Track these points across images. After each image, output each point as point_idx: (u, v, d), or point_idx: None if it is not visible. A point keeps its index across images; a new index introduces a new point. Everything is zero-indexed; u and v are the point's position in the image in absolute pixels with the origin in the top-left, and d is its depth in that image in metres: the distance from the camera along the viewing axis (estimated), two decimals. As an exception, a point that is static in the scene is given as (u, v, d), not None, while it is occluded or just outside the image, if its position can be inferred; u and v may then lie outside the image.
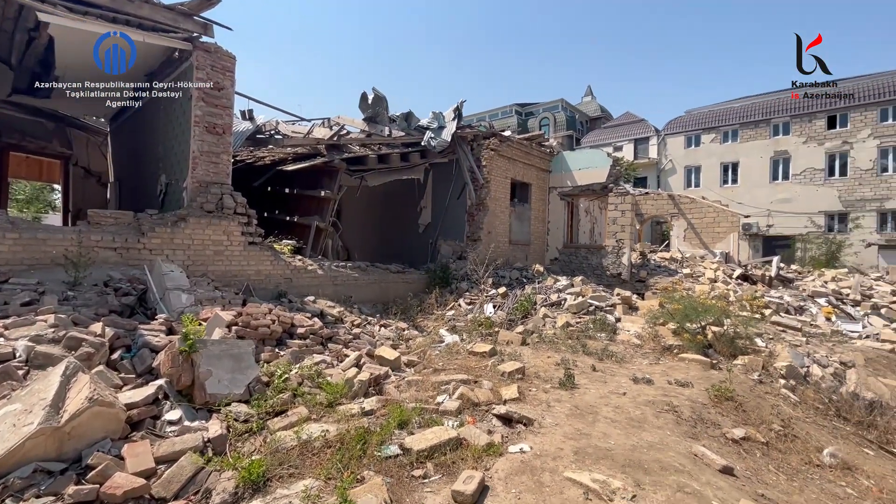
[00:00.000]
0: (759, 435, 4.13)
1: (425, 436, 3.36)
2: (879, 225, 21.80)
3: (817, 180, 23.59)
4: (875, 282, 12.55)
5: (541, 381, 5.13)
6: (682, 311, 6.78)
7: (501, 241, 13.29)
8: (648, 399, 4.56)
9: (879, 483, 3.73)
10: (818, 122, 23.86)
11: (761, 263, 16.19)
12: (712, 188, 26.62)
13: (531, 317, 8.82)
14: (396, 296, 10.21)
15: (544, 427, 3.76)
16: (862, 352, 7.08)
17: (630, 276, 13.54)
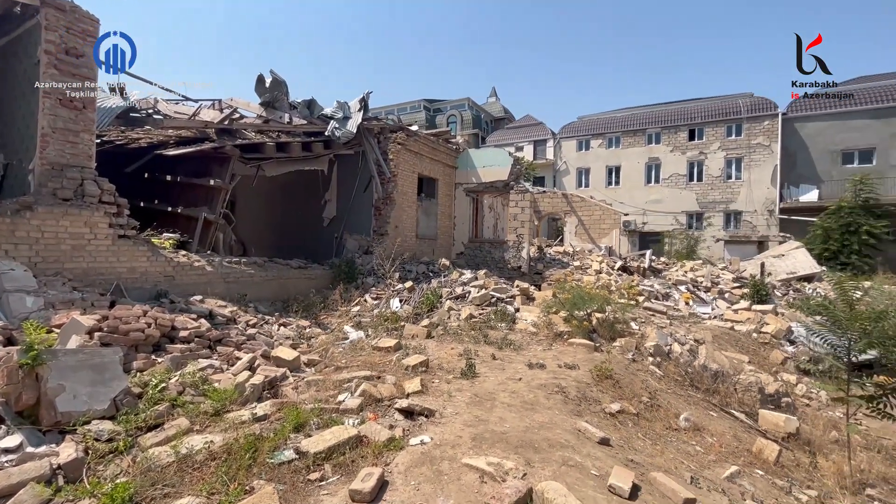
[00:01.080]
0: (632, 407, 4.69)
1: (324, 437, 3.24)
2: (725, 223, 25.99)
3: (681, 184, 27.34)
4: (721, 271, 14.93)
5: (444, 372, 5.25)
6: (571, 301, 7.41)
7: (409, 236, 13.32)
8: (541, 382, 4.92)
9: (720, 439, 4.46)
10: (682, 133, 27.61)
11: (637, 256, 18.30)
12: (599, 189, 29.45)
13: (437, 310, 8.98)
14: (298, 293, 9.71)
15: (445, 417, 3.86)
16: (710, 330, 8.40)
17: (529, 269, 14.46)
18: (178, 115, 10.80)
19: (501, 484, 2.72)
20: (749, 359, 7.32)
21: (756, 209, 24.96)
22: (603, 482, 2.91)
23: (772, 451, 4.21)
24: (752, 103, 25.89)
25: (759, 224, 24.84)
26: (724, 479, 3.60)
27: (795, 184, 24.57)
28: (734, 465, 3.92)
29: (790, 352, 7.83)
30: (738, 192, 25.60)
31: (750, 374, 6.16)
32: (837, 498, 3.77)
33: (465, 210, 15.78)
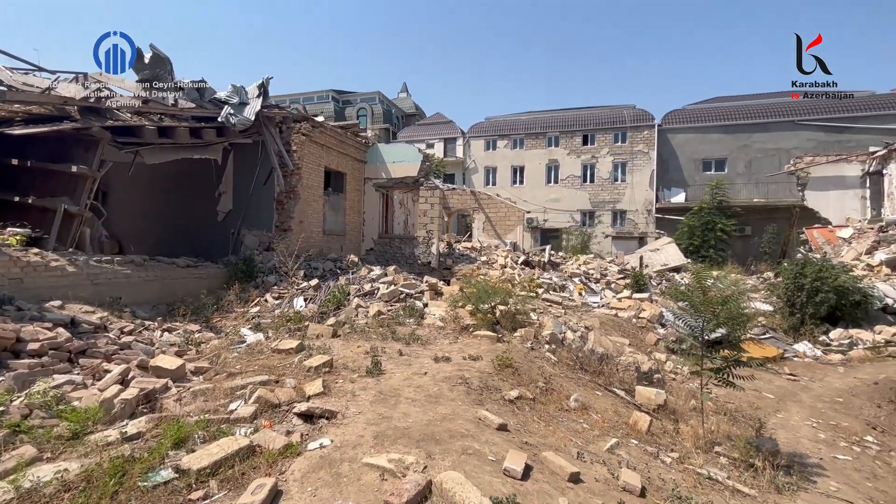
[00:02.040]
0: (529, 392, 5.00)
1: (209, 451, 2.97)
2: (613, 221, 28.89)
3: (576, 185, 29.77)
4: (609, 264, 16.58)
5: (349, 371, 5.12)
6: (476, 295, 7.68)
7: (315, 232, 12.76)
8: (446, 375, 5.03)
9: (603, 415, 4.95)
10: (577, 138, 30.05)
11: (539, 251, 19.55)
12: (505, 187, 30.91)
13: (344, 308, 8.73)
14: (187, 294, 8.78)
15: (347, 417, 3.76)
16: (598, 318, 9.28)
17: (438, 264, 14.70)
18: (28, 87, 9.10)
19: (402, 479, 2.72)
20: (629, 342, 8.23)
21: (637, 209, 28.11)
22: (499, 466, 3.06)
23: (644, 422, 4.78)
24: (635, 114, 29.06)
25: (640, 222, 28.00)
26: (605, 451, 4.00)
27: (668, 187, 28.11)
28: (614, 437, 4.37)
29: (661, 333, 8.97)
30: (624, 193, 28.59)
31: (629, 355, 6.92)
32: (693, 457, 4.40)
33: (374, 205, 15.54)
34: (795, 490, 3.99)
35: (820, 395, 6.65)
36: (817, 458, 4.99)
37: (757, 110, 27.05)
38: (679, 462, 4.23)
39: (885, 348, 8.20)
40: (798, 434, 5.60)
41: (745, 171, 26.38)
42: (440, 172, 29.13)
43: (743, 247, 22.60)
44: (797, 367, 7.98)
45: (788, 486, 4.00)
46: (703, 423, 4.88)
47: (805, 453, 5.08)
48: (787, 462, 4.52)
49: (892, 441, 5.64)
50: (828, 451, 5.19)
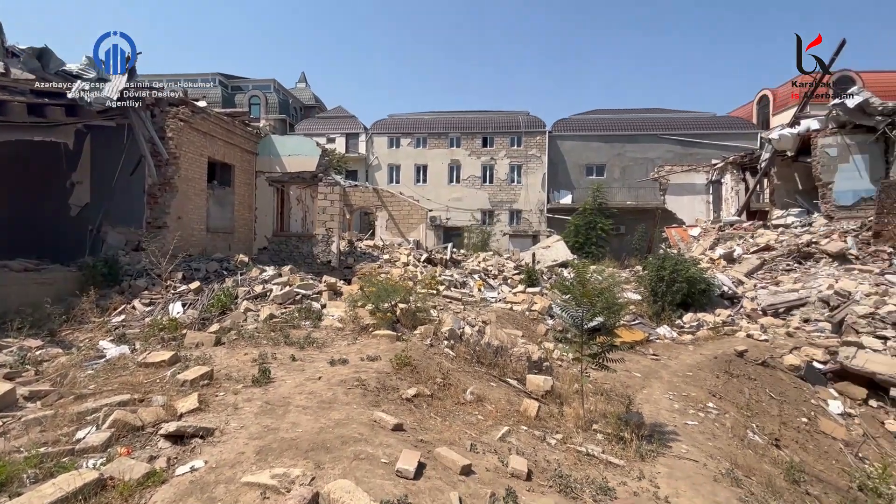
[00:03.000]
0: (427, 389, 5.03)
1: (42, 492, 2.47)
2: (510, 220, 30.62)
3: (476, 185, 30.96)
4: (506, 261, 17.52)
5: (232, 382, 4.68)
6: (375, 294, 7.55)
7: (196, 229, 11.51)
8: (342, 378, 4.85)
9: (497, 405, 5.19)
10: (477, 140, 31.24)
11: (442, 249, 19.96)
12: (409, 185, 31.01)
13: (231, 312, 7.99)
14: (25, 303, 7.30)
15: (227, 434, 3.42)
16: (495, 312, 9.74)
17: (339, 263, 14.22)
18: None
19: (285, 496, 2.54)
20: (522, 333, 8.76)
21: (532, 209, 30.14)
22: (392, 468, 3.01)
23: (533, 409, 5.10)
24: (528, 120, 31.09)
25: (533, 221, 30.06)
26: (497, 440, 4.18)
27: (558, 189, 30.58)
28: (506, 426, 4.59)
29: (550, 324, 9.71)
30: (519, 193, 30.44)
31: (522, 346, 7.36)
32: (575, 436, 4.80)
33: (268, 201, 14.50)
34: (655, 456, 4.55)
35: (675, 371, 7.75)
36: (673, 425, 5.78)
37: (629, 124, 30.68)
38: (563, 442, 4.59)
39: (721, 328, 9.83)
40: (659, 406, 6.43)
41: (621, 176, 29.77)
42: (342, 168, 28.23)
43: (619, 244, 25.47)
44: (659, 348, 9.21)
45: (650, 453, 4.56)
46: (582, 405, 5.36)
47: (664, 423, 5.85)
48: (649, 432, 5.15)
49: (726, 405, 6.76)
50: (680, 419, 6.04)
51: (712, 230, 16.73)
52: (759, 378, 7.46)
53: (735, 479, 4.16)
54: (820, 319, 9.18)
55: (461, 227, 29.47)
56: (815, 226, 14.27)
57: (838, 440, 6.49)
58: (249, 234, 14.02)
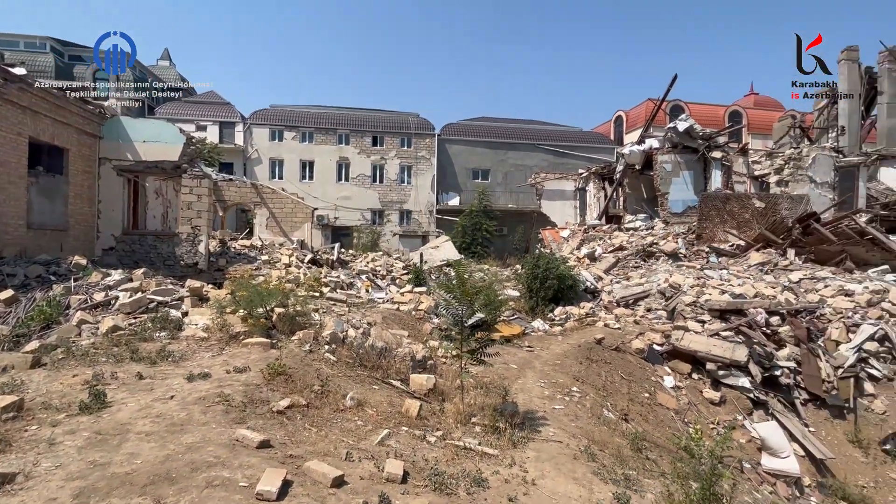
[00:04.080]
0: (302, 399, 4.72)
1: None
2: (400, 220, 30.68)
3: (366, 184, 30.42)
4: (395, 261, 17.47)
5: (51, 411, 3.84)
6: (248, 298, 6.90)
7: (13, 226, 9.38)
8: (201, 395, 4.30)
9: (378, 409, 5.08)
10: (367, 139, 30.69)
11: (329, 249, 19.17)
12: (294, 182, 29.23)
13: (58, 326, 6.63)
14: None
15: (35, 477, 2.77)
16: (381, 312, 9.61)
17: (208, 266, 12.76)
18: None
19: (109, 544, 2.12)
20: (408, 333, 8.77)
21: (421, 209, 30.58)
22: (252, 491, 2.73)
23: (415, 408, 5.10)
24: (418, 122, 31.49)
25: (423, 221, 30.54)
26: (376, 445, 4.08)
27: (447, 191, 31.51)
28: (386, 428, 4.51)
29: (436, 322, 9.90)
30: (410, 194, 30.67)
31: (407, 346, 7.35)
32: (454, 431, 4.92)
33: (117, 193, 12.40)
34: (527, 442, 4.87)
35: (546, 361, 8.45)
36: (543, 411, 6.27)
37: (511, 132, 32.92)
38: (442, 439, 4.66)
39: (585, 319, 11.03)
40: (531, 395, 6.93)
41: (503, 181, 31.78)
42: (214, 160, 25.45)
43: (502, 244, 27.15)
44: (533, 340, 9.97)
45: (522, 439, 4.86)
46: (462, 400, 5.52)
47: (535, 409, 6.31)
48: (522, 420, 5.51)
49: (587, 388, 7.56)
50: (549, 405, 6.58)
51: (579, 232, 18.73)
52: (613, 362, 8.50)
53: (591, 455, 4.64)
54: (659, 308, 10.83)
55: (350, 227, 28.66)
56: (656, 229, 16.84)
57: (671, 410, 7.68)
58: (90, 231, 11.84)
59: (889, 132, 19.62)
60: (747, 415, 7.61)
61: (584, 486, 3.85)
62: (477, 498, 3.42)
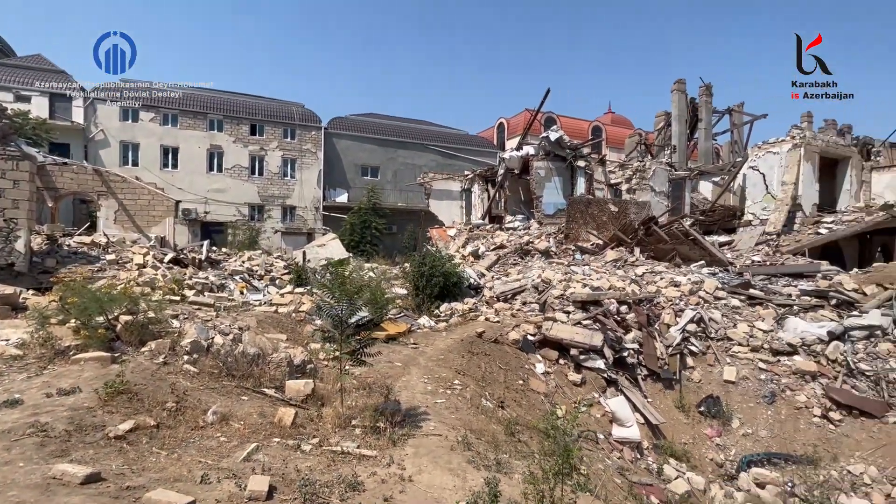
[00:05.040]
0: (151, 419, 4.11)
1: None
2: (283, 216, 28.76)
3: (244, 176, 27.89)
4: (276, 260, 16.30)
5: None
6: (83, 305, 5.80)
7: None
8: (4, 429, 3.47)
9: (246, 421, 4.66)
10: (244, 127, 28.14)
11: (197, 247, 17.13)
12: (153, 170, 25.57)
13: None
14: None
15: None
16: (256, 316, 8.87)
17: (30, 267, 10.49)
18: None
19: None
20: (287, 336, 8.24)
21: (307, 205, 29.05)
22: (69, 537, 2.27)
23: (289, 416, 4.79)
24: (303, 113, 29.81)
25: (309, 218, 29.04)
26: (240, 462, 3.73)
27: (334, 186, 30.40)
28: (255, 442, 4.16)
29: (318, 324, 9.46)
30: (294, 189, 28.91)
31: (284, 350, 6.88)
32: (332, 436, 4.73)
33: None
34: (407, 439, 4.90)
35: (430, 357, 8.63)
36: (425, 406, 6.38)
37: (401, 131, 33.00)
38: (319, 446, 4.45)
39: (469, 314, 11.54)
40: (415, 391, 7.01)
41: (393, 179, 31.73)
42: (42, 139, 20.98)
43: (391, 242, 27.10)
44: (419, 337, 10.12)
45: (402, 437, 4.87)
46: (342, 403, 5.35)
47: (418, 405, 6.39)
48: (403, 417, 5.53)
49: (468, 380, 7.90)
50: (432, 399, 6.73)
51: (464, 231, 19.54)
52: (492, 353, 9.02)
53: (467, 444, 4.84)
54: (533, 302, 11.79)
55: (225, 223, 26.04)
56: (532, 229, 18.32)
57: (541, 394, 8.41)
58: None
59: (706, 152, 24.09)
60: (602, 392, 8.68)
61: (459, 476, 3.99)
62: (351, 503, 3.33)
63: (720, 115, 24.68)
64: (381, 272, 14.96)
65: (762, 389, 8.82)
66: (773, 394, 8.67)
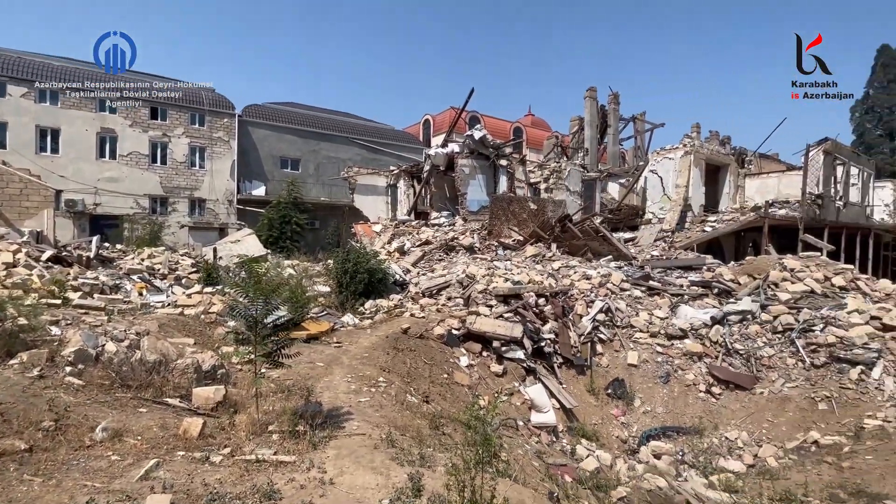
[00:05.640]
0: (22, 443, 3.56)
1: None
2: (190, 210, 26.35)
3: (143, 165, 25.10)
4: (182, 257, 14.90)
5: None
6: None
7: None
8: None
9: (144, 436, 4.21)
10: (143, 109, 25.29)
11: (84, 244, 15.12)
12: (27, 154, 22.09)
13: None
14: None
15: None
16: (158, 319, 8.05)
17: None
18: None
19: None
20: (195, 340, 7.58)
21: (218, 198, 26.89)
22: None
23: (196, 427, 4.42)
24: (214, 98, 27.48)
25: (221, 212, 26.92)
26: (136, 481, 3.36)
27: (250, 179, 28.48)
28: (155, 458, 3.77)
29: (231, 326, 8.82)
30: (203, 180, 26.61)
31: (190, 355, 6.32)
32: (246, 445, 4.44)
33: None
34: (328, 441, 4.75)
35: (354, 355, 8.45)
36: (348, 406, 6.23)
37: (323, 123, 31.77)
38: (231, 456, 4.15)
39: (394, 311, 11.46)
40: (338, 391, 6.82)
41: (315, 172, 30.49)
42: None
43: (314, 238, 26.03)
44: (343, 336, 9.85)
45: (323, 440, 4.71)
46: (258, 408, 5.04)
47: (341, 405, 6.23)
48: (325, 419, 5.36)
49: (394, 377, 7.85)
50: (355, 398, 6.59)
51: (390, 227, 19.36)
52: (417, 349, 9.05)
53: (391, 441, 4.81)
54: (457, 297, 12.03)
55: (119, 216, 23.24)
56: (457, 225, 18.66)
57: (465, 386, 8.62)
58: None
59: (614, 156, 26.19)
60: (522, 381, 9.11)
61: (382, 474, 3.95)
62: (266, 513, 3.15)
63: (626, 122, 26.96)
64: (302, 269, 14.31)
65: (659, 371, 9.83)
66: (668, 374, 9.70)
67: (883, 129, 36.49)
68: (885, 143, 36.21)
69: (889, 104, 36.17)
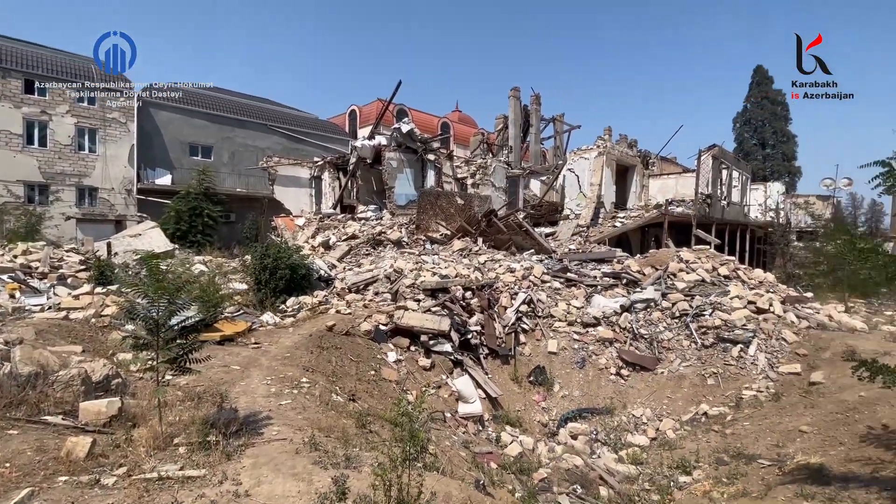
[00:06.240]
0: None
1: None
2: (79, 200, 23.21)
3: (15, 145, 21.61)
4: (67, 254, 13.07)
5: None
6: None
7: None
8: None
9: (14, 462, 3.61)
10: (15, 82, 21.73)
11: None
12: None
13: None
14: None
15: None
16: (35, 325, 6.97)
17: None
18: None
19: None
20: (84, 348, 6.69)
21: (114, 187, 23.97)
22: None
23: (83, 447, 3.89)
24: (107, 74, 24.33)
25: (117, 203, 24.04)
26: (2, 516, 2.87)
27: (153, 166, 25.70)
28: (28, 486, 3.25)
29: (130, 329, 7.89)
30: (94, 166, 23.55)
31: (76, 365, 5.55)
32: (146, 462, 4.00)
33: None
34: (244, 449, 4.43)
35: (275, 356, 7.98)
36: (268, 410, 5.87)
37: (239, 108, 29.55)
38: (126, 476, 3.71)
39: (319, 307, 11.01)
40: (256, 395, 6.40)
41: (230, 161, 28.31)
42: None
43: (229, 232, 24.21)
44: (262, 336, 9.27)
45: (239, 448, 4.39)
46: (161, 420, 4.56)
47: (259, 410, 5.84)
48: (241, 426, 4.99)
49: (318, 377, 7.55)
50: (276, 401, 6.23)
51: (314, 220, 18.56)
52: (343, 347, 8.78)
53: (314, 445, 4.60)
54: (385, 292, 11.86)
55: (-16, 206, 19.79)
56: (384, 220, 18.38)
57: (393, 382, 8.53)
58: None
59: (535, 154, 27.41)
60: (449, 373, 9.23)
61: (304, 480, 3.77)
62: (169, 536, 2.85)
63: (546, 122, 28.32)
64: (215, 266, 13.24)
65: (576, 357, 10.50)
66: (584, 360, 10.39)
67: (757, 139, 42.14)
68: (759, 151, 41.88)
69: (762, 118, 41.82)
